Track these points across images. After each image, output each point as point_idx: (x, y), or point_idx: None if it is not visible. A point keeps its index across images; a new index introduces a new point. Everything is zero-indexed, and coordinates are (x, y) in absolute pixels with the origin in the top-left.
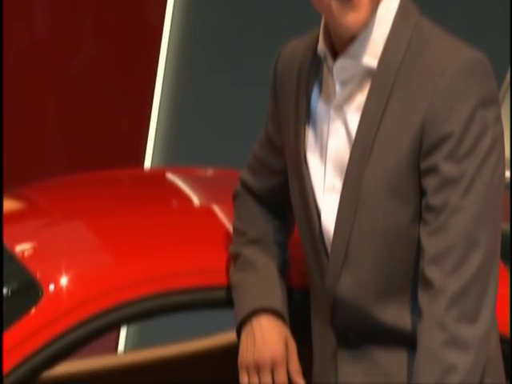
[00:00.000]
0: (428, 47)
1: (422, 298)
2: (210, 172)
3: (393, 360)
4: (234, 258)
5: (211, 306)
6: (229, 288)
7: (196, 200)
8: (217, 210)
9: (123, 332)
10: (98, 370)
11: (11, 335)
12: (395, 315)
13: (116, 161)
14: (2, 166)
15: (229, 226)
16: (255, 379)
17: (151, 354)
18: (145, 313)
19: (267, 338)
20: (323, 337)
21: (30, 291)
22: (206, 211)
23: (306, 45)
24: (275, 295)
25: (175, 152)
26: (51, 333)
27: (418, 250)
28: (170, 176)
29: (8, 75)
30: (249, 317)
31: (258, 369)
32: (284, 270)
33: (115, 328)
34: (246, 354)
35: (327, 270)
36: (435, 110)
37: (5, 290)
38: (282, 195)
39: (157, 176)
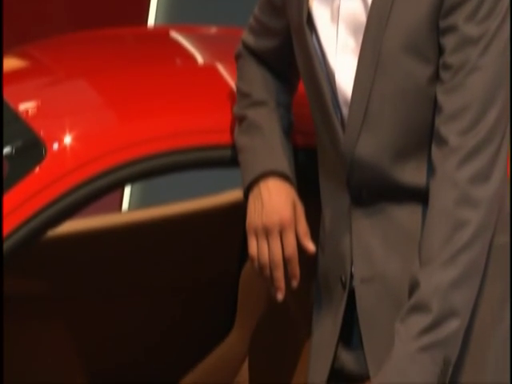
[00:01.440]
0: None
1: (436, 155)
2: (214, 30)
3: (408, 216)
4: (239, 120)
5: (215, 165)
6: (233, 148)
7: (200, 59)
8: (221, 69)
9: (127, 192)
10: (102, 228)
11: (15, 194)
12: (413, 174)
13: (119, 19)
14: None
15: (233, 85)
16: (264, 243)
17: (155, 213)
18: (149, 171)
19: (275, 201)
20: (336, 196)
21: (34, 150)
22: (210, 70)
23: None
24: (282, 158)
25: (179, 10)
26: (55, 191)
27: (436, 109)
28: (174, 34)
29: None
30: (256, 180)
31: (266, 232)
32: (289, 132)
33: (119, 187)
34: (253, 218)
35: (345, 132)
36: None
37: (8, 149)
38: (284, 56)
39: (160, 34)
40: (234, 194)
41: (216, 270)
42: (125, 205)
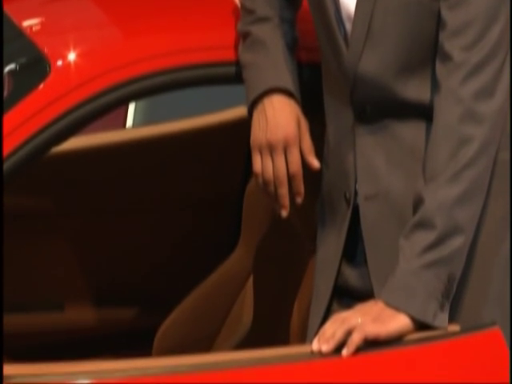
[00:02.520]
0: None
1: (440, 71)
2: None
3: (412, 133)
4: (244, 36)
5: (220, 81)
6: (238, 64)
7: None
8: None
9: (131, 109)
10: (106, 145)
11: (19, 111)
12: (416, 90)
13: None
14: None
15: (237, 2)
16: (268, 159)
17: (160, 130)
18: (153, 88)
19: (279, 118)
20: (340, 113)
21: (38, 67)
22: None
23: None
24: (286, 74)
25: None
26: (59, 108)
27: (440, 24)
28: None
29: None
30: (260, 97)
31: (270, 149)
32: (293, 48)
33: (123, 104)
34: (258, 134)
35: (348, 48)
36: None
37: (12, 66)
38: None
39: None
40: (238, 111)
41: (221, 187)
42: (129, 123)
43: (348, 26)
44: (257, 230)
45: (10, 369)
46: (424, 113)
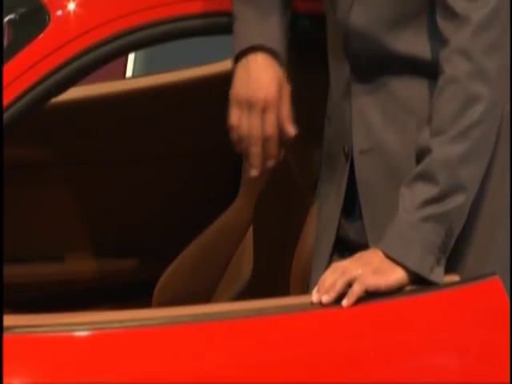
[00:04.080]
0: None
1: (445, 27)
2: None
3: (406, 88)
4: None
5: (219, 31)
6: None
7: None
8: None
9: (131, 59)
10: (104, 95)
11: (19, 60)
12: (409, 43)
13: None
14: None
15: None
16: (244, 116)
17: (159, 79)
18: (152, 38)
19: (262, 77)
20: (338, 66)
21: (38, 16)
22: None
23: None
24: (275, 34)
25: None
26: (59, 58)
27: None
28: None
29: None
30: (245, 52)
31: (249, 106)
32: (288, 4)
33: (122, 54)
34: (238, 89)
35: (339, 0)
36: None
37: (12, 16)
38: None
39: None
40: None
41: (221, 138)
42: (128, 73)
43: None
44: (256, 181)
45: (9, 319)
46: (421, 69)
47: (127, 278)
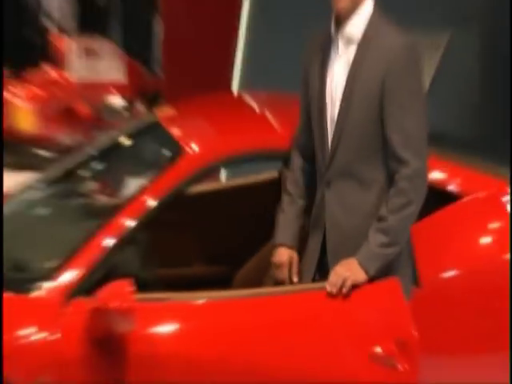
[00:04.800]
0: (385, 31)
1: (394, 167)
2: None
3: (363, 195)
4: (281, 201)
5: (274, 158)
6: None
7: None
8: (273, 116)
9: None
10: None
11: (168, 175)
12: (371, 169)
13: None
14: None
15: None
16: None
17: (246, 181)
18: (233, 159)
19: (282, 258)
20: (320, 179)
21: (175, 151)
22: (282, 114)
23: (323, 35)
24: (291, 234)
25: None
26: (188, 173)
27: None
28: (259, 97)
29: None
30: (276, 245)
31: (276, 266)
32: (301, 214)
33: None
34: (273, 256)
35: (329, 144)
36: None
37: (164, 151)
38: (311, 138)
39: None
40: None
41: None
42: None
43: (330, 130)
44: None
45: (164, 294)
46: (371, 183)
47: (219, 276)
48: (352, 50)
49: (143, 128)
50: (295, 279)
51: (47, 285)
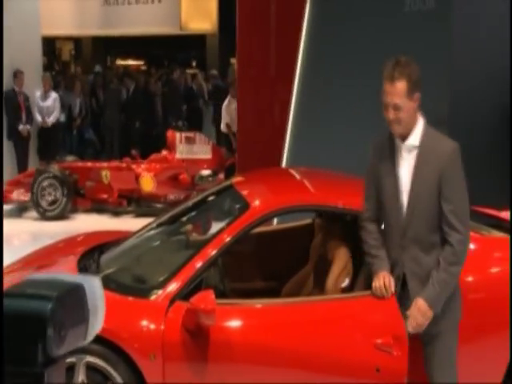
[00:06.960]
0: (436, 138)
1: (449, 235)
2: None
3: (428, 254)
4: (367, 246)
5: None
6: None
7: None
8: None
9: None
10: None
11: (236, 225)
12: (433, 235)
13: (265, 161)
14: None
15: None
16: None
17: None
18: (297, 210)
19: (384, 280)
20: (393, 242)
21: (243, 206)
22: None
23: (383, 138)
24: (386, 266)
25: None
26: (251, 222)
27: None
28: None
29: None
30: (377, 272)
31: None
32: (387, 264)
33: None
34: (373, 282)
35: (402, 220)
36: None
37: (234, 206)
38: (379, 213)
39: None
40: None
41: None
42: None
43: (403, 211)
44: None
45: (234, 301)
46: (435, 247)
47: (272, 288)
48: (413, 155)
49: (222, 189)
50: (391, 290)
51: (158, 292)
